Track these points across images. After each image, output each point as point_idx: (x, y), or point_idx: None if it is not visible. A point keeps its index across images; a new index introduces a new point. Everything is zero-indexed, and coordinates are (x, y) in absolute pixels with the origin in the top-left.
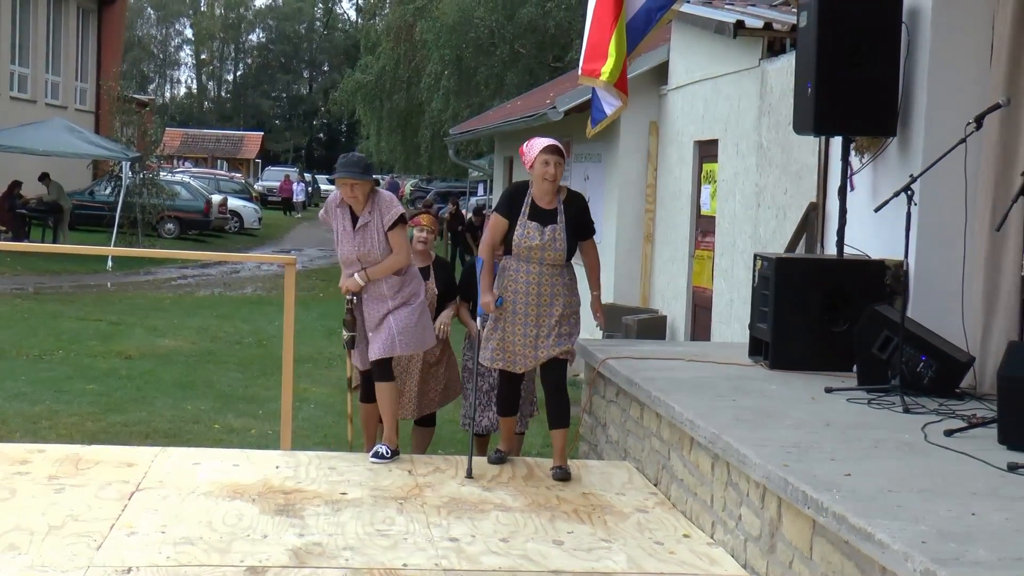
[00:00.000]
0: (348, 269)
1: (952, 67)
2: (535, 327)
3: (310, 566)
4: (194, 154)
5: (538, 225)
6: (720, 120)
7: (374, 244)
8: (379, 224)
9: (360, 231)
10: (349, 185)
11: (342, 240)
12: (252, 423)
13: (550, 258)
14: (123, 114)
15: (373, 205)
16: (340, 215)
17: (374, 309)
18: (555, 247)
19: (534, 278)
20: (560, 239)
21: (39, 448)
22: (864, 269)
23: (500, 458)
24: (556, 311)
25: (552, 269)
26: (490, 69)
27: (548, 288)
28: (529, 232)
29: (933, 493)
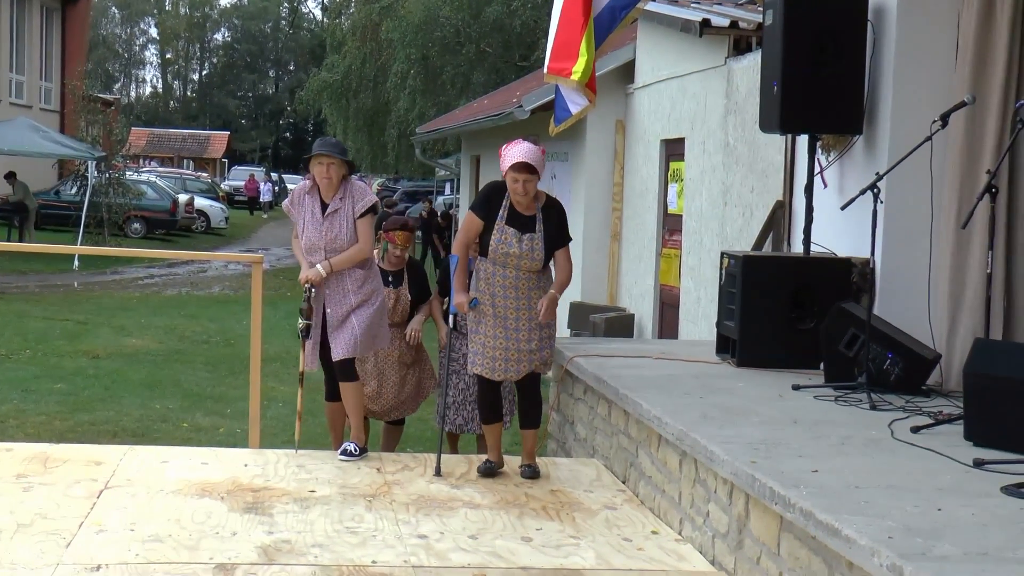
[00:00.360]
0: (311, 257)
1: (918, 65)
2: (514, 330)
3: (279, 563)
4: (160, 153)
5: (516, 232)
6: (686, 119)
7: (341, 231)
8: (350, 211)
9: (329, 217)
10: (325, 165)
11: (308, 227)
12: (220, 422)
13: (526, 265)
14: (88, 113)
15: (345, 192)
16: (308, 202)
17: (337, 305)
18: (532, 256)
19: (511, 282)
20: (538, 248)
21: (7, 447)
22: (831, 267)
23: (490, 469)
24: (533, 316)
25: (528, 275)
26: (456, 68)
27: (524, 292)
28: (507, 238)
29: (900, 489)
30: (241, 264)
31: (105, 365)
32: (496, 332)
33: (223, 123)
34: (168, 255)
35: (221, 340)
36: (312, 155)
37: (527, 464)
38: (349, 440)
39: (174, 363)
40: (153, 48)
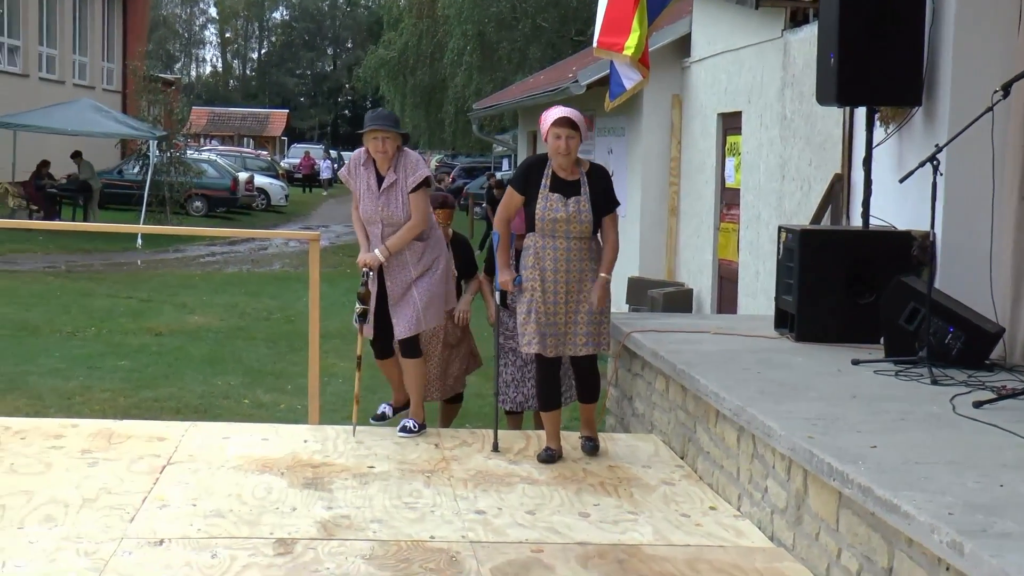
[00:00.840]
0: (370, 228)
1: (979, 34)
2: (564, 305)
3: (338, 538)
4: (220, 132)
5: (561, 196)
6: (743, 92)
7: (398, 206)
8: (404, 185)
9: (385, 192)
10: (380, 138)
11: (364, 199)
12: (281, 398)
13: (576, 231)
14: (149, 93)
15: (399, 164)
16: (364, 174)
17: (397, 278)
18: (580, 219)
19: (562, 254)
20: (586, 210)
21: (73, 423)
22: (890, 240)
23: (551, 457)
24: (586, 288)
25: (580, 243)
26: (512, 44)
27: (576, 264)
28: (552, 204)
29: (961, 465)
30: (300, 242)
31: (168, 342)
32: (547, 308)
33: (282, 101)
34: (226, 233)
35: (281, 317)
36: (365, 130)
37: (587, 436)
38: (408, 417)
39: (235, 340)
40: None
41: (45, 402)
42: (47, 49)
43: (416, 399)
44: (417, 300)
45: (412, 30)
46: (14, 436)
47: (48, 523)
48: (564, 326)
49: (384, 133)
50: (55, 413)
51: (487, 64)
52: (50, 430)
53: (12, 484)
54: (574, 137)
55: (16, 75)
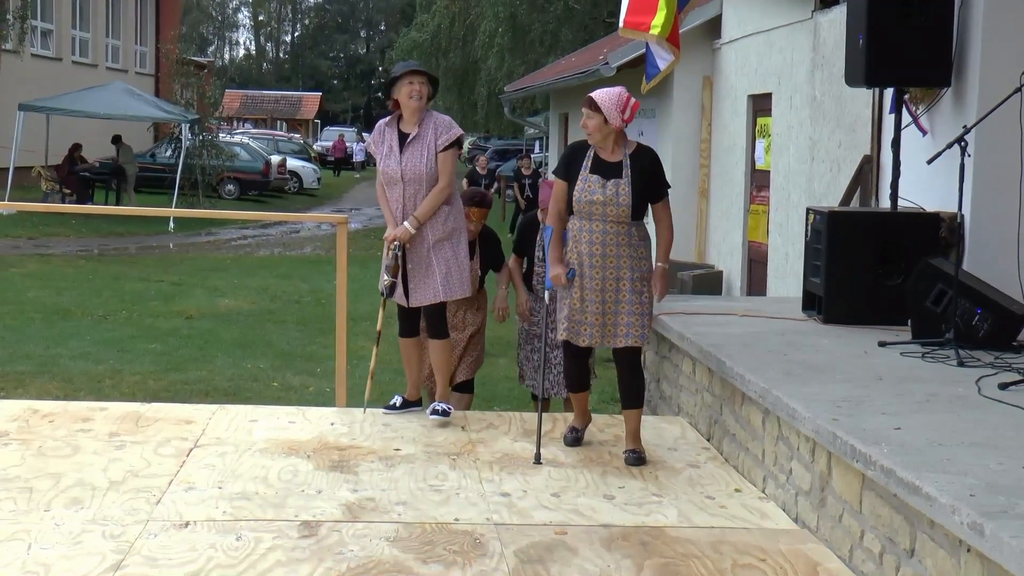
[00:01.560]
0: (391, 191)
1: (1009, 14)
2: (600, 293)
3: (363, 520)
4: (253, 115)
5: (600, 178)
6: (773, 73)
7: (421, 160)
8: (431, 141)
9: (409, 147)
10: (417, 84)
11: (387, 158)
12: (310, 381)
13: (613, 214)
14: (182, 77)
15: (427, 122)
16: (388, 134)
17: (415, 244)
18: (618, 202)
19: (597, 237)
20: (624, 193)
21: (101, 406)
22: (918, 222)
23: (577, 438)
24: (624, 276)
25: (617, 227)
26: (544, 26)
27: (613, 249)
28: (590, 186)
29: (984, 446)
30: (331, 224)
31: (199, 325)
32: (583, 295)
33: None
34: (255, 216)
35: (312, 300)
36: (399, 76)
37: (631, 449)
38: (437, 400)
39: (266, 323)
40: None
41: (75, 385)
42: (80, 32)
43: (443, 380)
44: (436, 270)
45: (445, 12)
46: (43, 419)
47: (74, 506)
48: (602, 315)
49: (420, 77)
50: (85, 396)
51: (519, 46)
52: (78, 413)
53: (40, 467)
54: (592, 118)
55: (49, 59)
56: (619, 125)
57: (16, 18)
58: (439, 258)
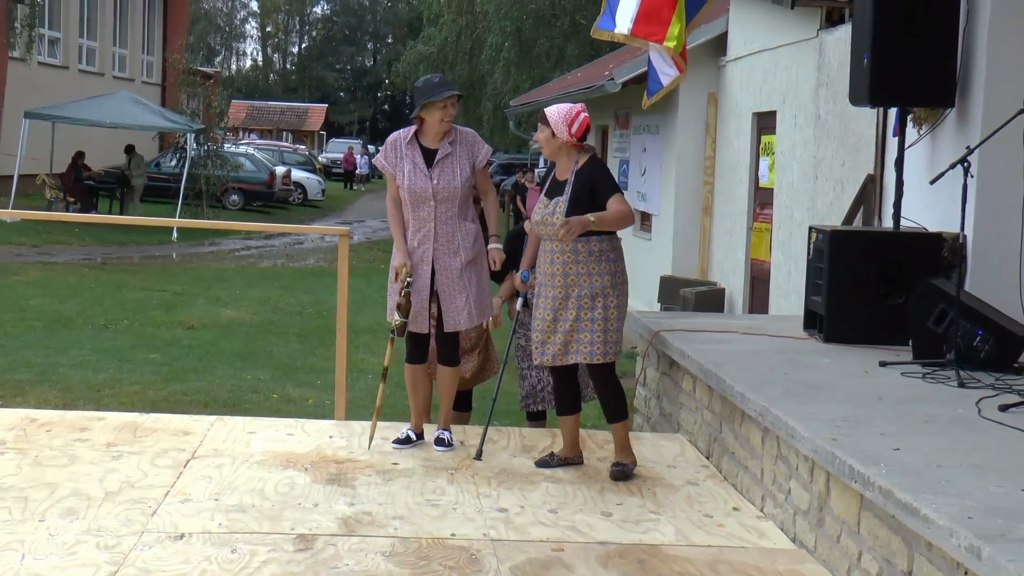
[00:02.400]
0: (418, 210)
1: (1013, 36)
2: (552, 311)
3: (359, 534)
4: (259, 126)
5: (546, 199)
6: (778, 91)
7: (455, 177)
8: (463, 156)
9: (439, 163)
10: (451, 106)
11: (412, 177)
12: (310, 393)
13: (548, 233)
14: (189, 86)
15: (453, 138)
16: (408, 153)
17: (448, 264)
18: (551, 222)
19: (547, 256)
20: (559, 212)
21: (99, 416)
22: (920, 242)
23: (547, 462)
24: (573, 293)
25: (562, 245)
26: (551, 41)
27: (560, 267)
28: (540, 207)
29: (983, 468)
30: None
31: (200, 336)
32: (542, 314)
33: (322, 96)
34: (255, 227)
35: (314, 312)
36: (440, 97)
37: (616, 461)
38: (441, 427)
39: (267, 334)
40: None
41: (74, 394)
42: (87, 41)
43: (448, 407)
44: (470, 290)
45: (451, 26)
46: (40, 428)
47: (69, 516)
48: (562, 333)
49: (453, 99)
50: (83, 405)
51: (525, 61)
52: (76, 423)
53: (36, 476)
54: (542, 131)
55: (56, 67)
56: (566, 139)
57: (24, 26)
58: (470, 280)
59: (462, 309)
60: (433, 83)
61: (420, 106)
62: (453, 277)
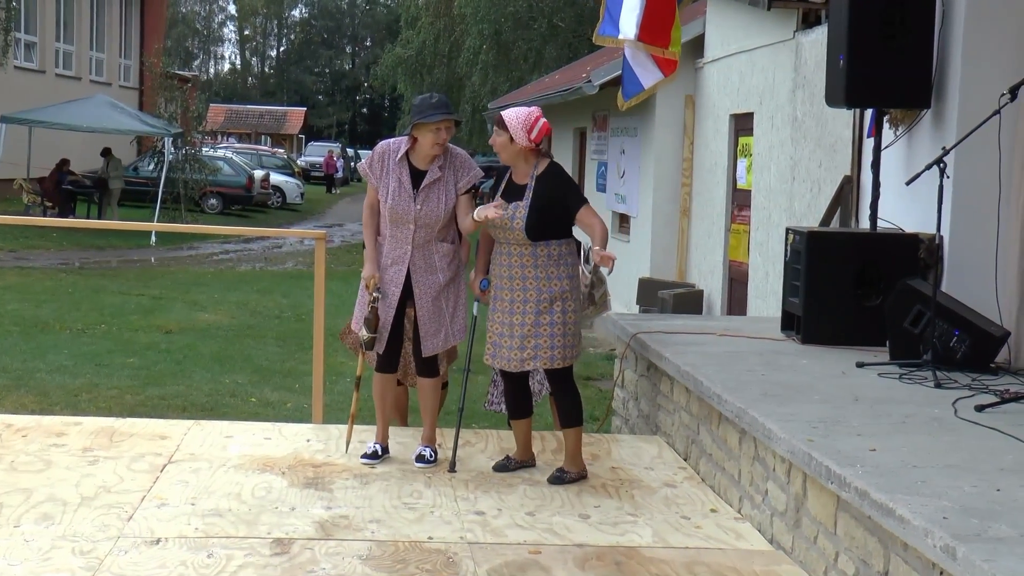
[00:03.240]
0: (396, 230)
1: (988, 37)
2: (509, 315)
3: (335, 538)
4: (238, 130)
5: (503, 202)
6: (755, 93)
7: (439, 204)
8: (450, 182)
9: (426, 189)
10: (444, 130)
11: (395, 197)
12: (288, 396)
13: (512, 238)
14: (166, 90)
15: (445, 160)
16: (395, 169)
17: (426, 283)
18: (513, 226)
19: (504, 260)
20: (520, 217)
21: (75, 421)
22: (897, 243)
23: (505, 465)
24: (531, 297)
25: (520, 249)
26: (529, 43)
27: (518, 271)
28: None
29: (959, 468)
30: None
31: (178, 340)
32: (495, 317)
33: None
34: (232, 231)
35: (292, 315)
36: (433, 120)
37: (561, 468)
38: (423, 443)
39: (245, 338)
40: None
41: (51, 399)
42: (64, 45)
43: (432, 422)
44: (447, 311)
45: (429, 29)
46: (16, 434)
47: (45, 521)
48: (519, 338)
49: (447, 123)
50: (60, 410)
51: (503, 63)
52: (52, 428)
53: (11, 482)
54: (499, 135)
55: (33, 71)
56: (525, 145)
57: (0, 30)
58: (448, 301)
59: (439, 332)
60: (428, 103)
61: (412, 125)
62: (431, 299)
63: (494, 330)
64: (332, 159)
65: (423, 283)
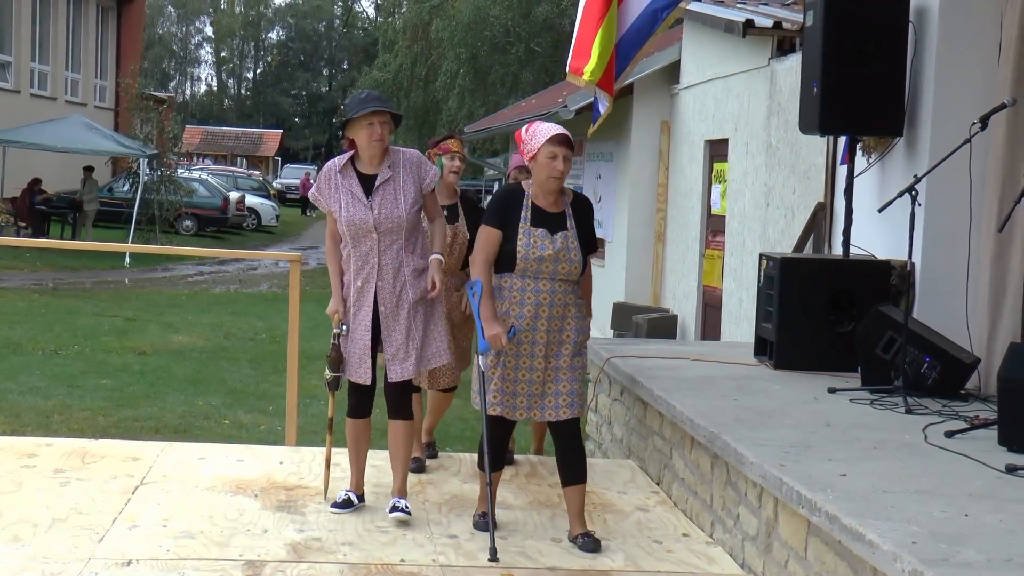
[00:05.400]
0: (360, 243)
1: (960, 66)
2: (544, 359)
3: (308, 560)
4: (214, 151)
5: (546, 232)
6: (730, 119)
7: (398, 207)
8: (406, 181)
9: (380, 190)
10: (376, 124)
11: (350, 209)
12: (262, 419)
13: (564, 272)
14: (142, 111)
15: (394, 159)
16: (342, 183)
17: (390, 302)
18: (569, 258)
19: (545, 298)
20: (574, 248)
21: (47, 442)
22: (869, 269)
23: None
24: (568, 339)
25: (565, 286)
26: (506, 68)
27: (560, 310)
28: (536, 240)
29: (928, 494)
30: None
31: (151, 361)
32: (520, 362)
33: (277, 121)
34: (207, 253)
35: (267, 337)
36: (360, 114)
37: (583, 533)
38: (396, 495)
39: (219, 360)
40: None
41: (23, 420)
42: (39, 65)
43: (404, 471)
44: (417, 337)
45: (407, 52)
46: None
47: (15, 543)
48: (541, 385)
49: (382, 117)
50: (33, 431)
51: (480, 87)
52: (24, 449)
53: None
54: (570, 159)
55: (7, 91)
56: None
57: None
58: (417, 321)
59: (408, 356)
60: (358, 99)
61: (342, 124)
62: (398, 318)
63: (511, 376)
64: (308, 181)
65: (388, 301)
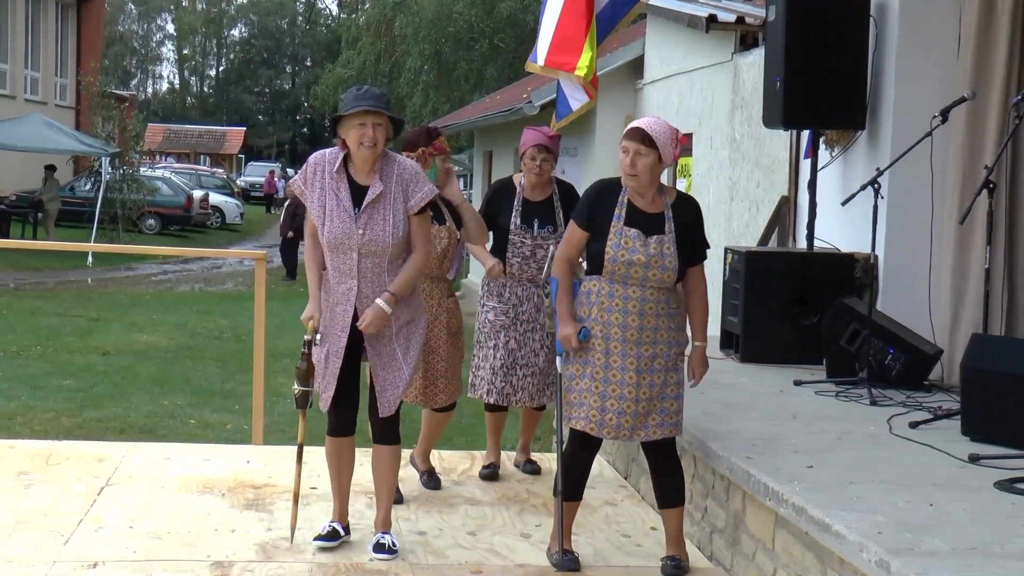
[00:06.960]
0: (336, 259)
1: (920, 61)
2: (635, 373)
3: (277, 560)
4: (177, 149)
5: (639, 233)
6: (694, 114)
7: (386, 229)
8: (397, 199)
9: (369, 208)
10: (370, 126)
11: (333, 218)
12: (228, 418)
13: (655, 279)
14: (103, 110)
15: (390, 170)
16: (331, 184)
17: (378, 335)
18: (663, 264)
19: (634, 305)
20: (670, 254)
21: (9, 444)
22: (833, 262)
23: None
24: (661, 352)
25: (658, 294)
26: (470, 64)
27: (652, 320)
28: (628, 243)
29: (893, 484)
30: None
31: (115, 361)
32: (610, 376)
33: (240, 119)
34: (172, 252)
35: (232, 336)
36: (350, 112)
37: (672, 556)
38: (381, 531)
39: (184, 359)
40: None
41: None
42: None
43: (389, 502)
44: (403, 364)
45: (370, 49)
46: None
47: None
48: (634, 402)
49: (375, 117)
50: None
51: (444, 83)
52: None
53: None
54: (646, 155)
55: None
56: (669, 164)
57: None
58: (403, 347)
59: (396, 385)
60: (352, 94)
61: (333, 121)
62: (383, 347)
63: (599, 390)
64: (272, 179)
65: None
